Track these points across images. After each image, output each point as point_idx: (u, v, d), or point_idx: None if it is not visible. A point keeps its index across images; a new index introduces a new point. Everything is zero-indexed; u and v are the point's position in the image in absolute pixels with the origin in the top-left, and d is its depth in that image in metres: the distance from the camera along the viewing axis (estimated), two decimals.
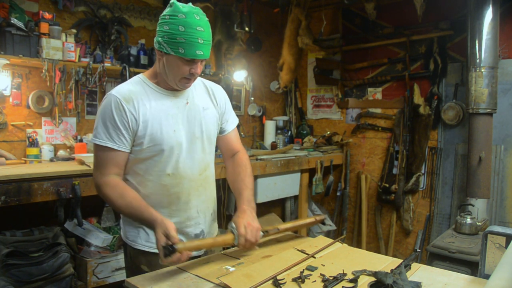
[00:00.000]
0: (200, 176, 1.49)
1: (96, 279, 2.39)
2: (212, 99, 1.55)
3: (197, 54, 1.32)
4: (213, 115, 1.52)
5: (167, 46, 1.31)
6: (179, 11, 1.30)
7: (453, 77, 3.54)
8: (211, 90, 1.56)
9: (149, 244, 1.43)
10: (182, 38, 1.29)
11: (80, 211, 2.25)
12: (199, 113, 1.48)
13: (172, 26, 1.30)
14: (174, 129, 1.41)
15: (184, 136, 1.43)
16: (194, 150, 1.46)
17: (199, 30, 1.31)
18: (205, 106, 1.50)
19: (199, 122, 1.47)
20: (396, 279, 1.11)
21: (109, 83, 3.13)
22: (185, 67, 1.34)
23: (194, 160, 1.46)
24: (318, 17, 4.14)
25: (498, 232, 1.23)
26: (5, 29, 2.39)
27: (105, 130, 1.35)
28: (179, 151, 1.42)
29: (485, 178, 3.01)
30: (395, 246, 3.90)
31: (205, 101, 1.52)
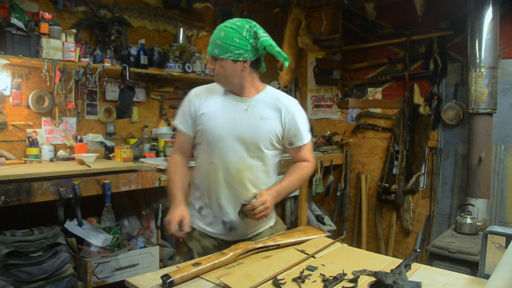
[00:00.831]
0: (237, 173, 1.63)
1: (96, 279, 2.39)
2: (279, 112, 1.66)
3: (208, 50, 1.60)
4: (271, 126, 1.64)
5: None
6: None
7: (453, 77, 3.54)
8: (283, 104, 1.67)
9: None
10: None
11: (80, 211, 2.25)
12: (254, 120, 1.63)
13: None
14: (223, 126, 1.62)
15: (230, 134, 1.61)
16: (237, 150, 1.62)
17: (216, 32, 1.58)
18: (264, 116, 1.64)
19: (251, 127, 1.62)
20: (396, 279, 1.11)
21: (109, 83, 3.13)
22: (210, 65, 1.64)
23: (233, 158, 1.62)
24: (318, 17, 4.13)
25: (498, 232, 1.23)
26: (5, 29, 2.39)
27: (179, 116, 1.73)
28: (221, 145, 1.62)
29: (485, 178, 3.01)
30: (395, 246, 3.89)
31: (267, 112, 1.65)
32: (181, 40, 3.51)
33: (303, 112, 1.72)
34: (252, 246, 1.45)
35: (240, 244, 1.45)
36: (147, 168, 2.61)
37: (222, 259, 1.32)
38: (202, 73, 3.45)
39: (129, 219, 2.92)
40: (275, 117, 1.65)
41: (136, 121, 3.35)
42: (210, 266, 1.27)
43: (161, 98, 3.52)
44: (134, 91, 3.10)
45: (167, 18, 3.51)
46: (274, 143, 1.66)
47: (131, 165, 2.58)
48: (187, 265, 1.26)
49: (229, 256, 1.34)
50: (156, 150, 3.22)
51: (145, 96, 3.42)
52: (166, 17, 3.51)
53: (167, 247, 2.95)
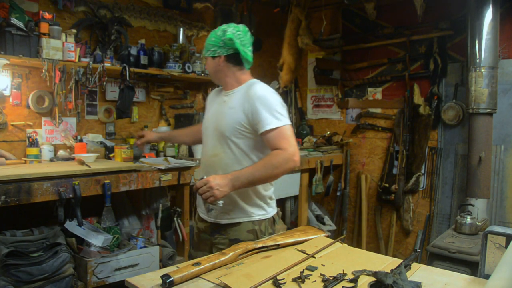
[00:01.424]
0: (211, 158, 1.83)
1: (96, 279, 2.39)
2: (244, 102, 1.74)
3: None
4: (235, 114, 1.74)
5: None
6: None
7: (453, 77, 3.54)
8: (248, 94, 1.75)
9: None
10: None
11: (80, 211, 2.25)
12: (224, 110, 1.80)
13: None
14: (207, 117, 1.91)
15: (210, 124, 1.86)
16: (212, 138, 1.83)
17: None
18: (232, 106, 1.77)
19: (221, 117, 1.79)
20: (396, 279, 1.11)
21: (109, 83, 3.13)
22: None
23: (209, 145, 1.85)
24: (318, 17, 4.14)
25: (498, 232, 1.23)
26: (5, 29, 2.39)
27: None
28: (205, 134, 1.91)
29: (485, 178, 3.01)
30: (395, 246, 3.89)
31: (236, 102, 1.77)
32: (181, 40, 3.51)
33: (269, 98, 1.71)
34: (252, 246, 1.45)
35: (240, 244, 1.45)
36: (147, 168, 2.61)
37: (222, 259, 1.32)
38: (202, 73, 3.45)
39: (129, 219, 2.92)
40: (240, 105, 1.74)
41: (136, 121, 3.35)
42: (210, 266, 1.27)
43: (161, 98, 3.52)
44: (134, 91, 3.09)
45: (167, 18, 3.51)
46: (241, 131, 1.73)
47: (131, 165, 2.58)
48: (187, 265, 1.26)
49: (229, 256, 1.34)
50: (156, 150, 3.22)
51: (145, 96, 3.42)
52: (166, 17, 3.51)
53: (167, 247, 2.95)
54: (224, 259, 1.32)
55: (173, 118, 3.54)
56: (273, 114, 1.68)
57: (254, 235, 1.79)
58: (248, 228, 1.79)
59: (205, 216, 1.86)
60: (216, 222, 1.81)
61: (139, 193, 2.93)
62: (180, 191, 2.93)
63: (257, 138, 1.73)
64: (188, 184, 2.87)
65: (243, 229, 1.78)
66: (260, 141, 1.74)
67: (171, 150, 3.17)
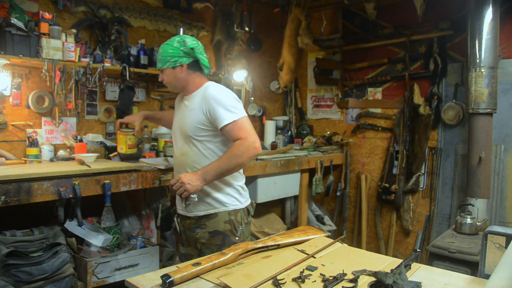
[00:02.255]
0: (179, 157, 2.02)
1: (96, 279, 2.39)
2: (202, 103, 1.92)
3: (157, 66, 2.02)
4: (195, 115, 1.93)
5: None
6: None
7: (453, 77, 3.54)
8: (204, 95, 1.94)
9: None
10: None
11: (80, 211, 2.25)
12: (186, 113, 1.99)
13: None
14: (174, 122, 2.08)
15: (176, 127, 2.06)
16: (179, 140, 2.03)
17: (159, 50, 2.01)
18: (192, 108, 1.96)
19: (183, 119, 1.99)
20: (396, 279, 1.11)
21: (109, 83, 3.13)
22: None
23: (177, 146, 2.06)
24: (318, 17, 4.14)
25: (498, 232, 1.23)
26: (5, 29, 2.39)
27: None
28: (174, 137, 2.09)
29: (485, 178, 3.01)
30: (395, 246, 3.89)
31: (195, 104, 1.95)
32: None
33: (222, 97, 1.90)
34: (252, 246, 1.45)
35: (240, 244, 1.45)
36: (147, 168, 2.61)
37: (222, 259, 1.32)
38: None
39: (129, 219, 2.92)
40: (199, 107, 1.92)
41: None
42: (210, 266, 1.27)
43: (161, 98, 3.52)
44: (134, 91, 3.09)
45: (167, 18, 3.51)
46: (203, 129, 1.92)
47: (131, 165, 2.57)
48: (187, 265, 1.26)
49: (229, 256, 1.34)
50: (156, 150, 3.22)
51: (145, 96, 3.42)
52: (166, 17, 3.51)
53: (167, 247, 2.95)
54: (224, 259, 1.32)
55: None
56: (228, 109, 1.86)
57: (231, 225, 1.95)
58: (225, 219, 1.96)
59: (183, 211, 2.02)
60: (195, 215, 1.99)
61: (139, 193, 2.93)
62: None
63: (219, 134, 1.92)
64: None
65: (221, 220, 1.95)
66: (222, 136, 1.93)
67: (171, 150, 3.16)
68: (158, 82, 3.49)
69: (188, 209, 1.98)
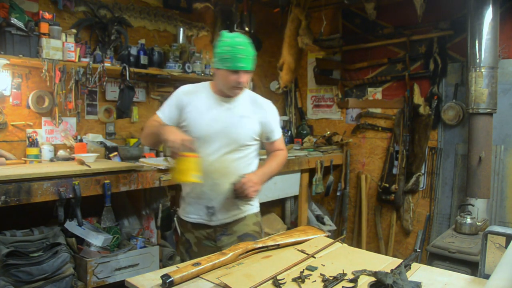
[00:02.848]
0: (217, 164, 1.81)
1: (96, 279, 2.39)
2: (258, 112, 1.88)
3: (240, 65, 1.71)
4: (252, 124, 1.86)
5: (218, 63, 1.74)
6: (226, 37, 1.75)
7: (453, 77, 3.54)
8: (260, 105, 1.91)
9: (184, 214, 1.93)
10: (228, 55, 1.71)
11: (80, 211, 2.25)
12: (235, 118, 1.82)
13: (221, 47, 1.73)
14: (207, 123, 1.80)
15: (213, 130, 1.80)
16: (219, 144, 1.81)
17: (240, 48, 1.72)
18: (243, 114, 1.84)
19: (233, 125, 1.82)
20: (396, 279, 1.11)
21: (109, 83, 3.13)
22: (231, 77, 1.73)
23: (215, 150, 1.81)
24: (318, 17, 4.14)
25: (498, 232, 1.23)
26: (5, 29, 2.39)
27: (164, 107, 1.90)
28: (205, 140, 1.80)
29: (485, 178, 3.01)
30: (395, 246, 3.89)
31: (246, 111, 1.86)
32: (181, 40, 3.51)
33: (276, 111, 1.98)
34: (252, 246, 1.45)
35: (240, 244, 1.45)
36: (147, 168, 2.61)
37: (222, 259, 1.32)
38: (202, 73, 3.45)
39: (129, 219, 2.92)
40: (254, 116, 1.86)
41: (136, 121, 3.35)
42: (210, 266, 1.27)
43: (161, 98, 3.52)
44: (134, 91, 3.09)
45: (167, 18, 3.51)
46: (255, 139, 1.89)
47: (131, 165, 2.58)
48: (187, 265, 1.26)
49: (229, 256, 1.34)
50: (156, 150, 3.22)
51: (145, 96, 3.42)
52: (166, 17, 3.51)
53: (167, 247, 2.95)
54: (224, 259, 1.32)
55: None
56: (278, 123, 1.97)
57: (259, 227, 1.93)
58: (253, 220, 1.92)
59: (204, 220, 1.86)
60: (222, 222, 1.86)
61: (139, 193, 2.93)
62: (180, 191, 2.93)
63: (259, 143, 1.93)
64: None
65: (250, 223, 1.90)
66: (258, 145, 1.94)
67: None
68: (158, 82, 3.53)
69: (214, 218, 1.84)
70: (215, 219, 1.85)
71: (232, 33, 1.79)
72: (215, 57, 1.78)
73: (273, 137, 1.94)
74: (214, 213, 1.84)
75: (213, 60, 1.80)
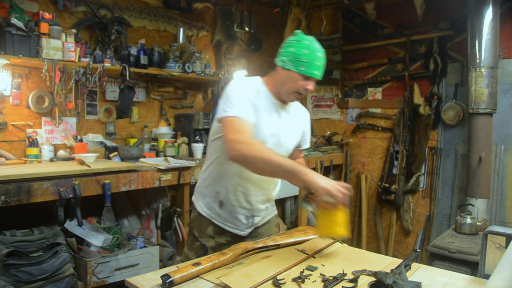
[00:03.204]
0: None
1: (96, 279, 2.39)
2: (301, 120, 1.82)
3: (314, 73, 1.57)
4: (296, 133, 1.78)
5: (290, 64, 1.57)
6: (305, 39, 1.59)
7: (453, 77, 3.54)
8: (303, 114, 1.84)
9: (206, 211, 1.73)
10: (305, 59, 1.55)
11: (80, 211, 2.25)
12: (287, 126, 1.71)
13: (298, 49, 1.56)
14: (267, 128, 1.62)
15: (271, 136, 1.64)
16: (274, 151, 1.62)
17: (319, 55, 1.58)
18: (292, 123, 1.74)
19: (287, 132, 1.71)
20: (396, 279, 1.11)
21: (109, 83, 3.13)
22: (301, 82, 1.58)
23: None
24: (318, 17, 4.14)
25: (498, 232, 1.23)
26: (5, 29, 2.39)
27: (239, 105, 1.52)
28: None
29: (485, 178, 3.01)
30: (395, 246, 3.89)
31: (295, 120, 1.76)
32: (181, 40, 3.51)
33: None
34: (252, 246, 1.45)
35: (240, 244, 1.45)
36: (147, 168, 2.61)
37: (222, 259, 1.32)
38: (202, 73, 3.45)
39: (129, 219, 2.92)
40: (299, 123, 1.80)
41: (136, 121, 3.36)
42: (210, 266, 1.27)
43: (161, 98, 3.52)
44: (134, 91, 3.10)
45: (167, 18, 3.51)
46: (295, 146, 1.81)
47: (131, 165, 2.58)
48: (187, 265, 1.26)
49: (229, 256, 1.34)
50: (156, 150, 3.22)
51: (145, 96, 3.42)
52: (166, 17, 3.51)
53: (167, 247, 2.95)
54: (224, 259, 1.32)
55: (173, 118, 3.54)
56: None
57: (278, 228, 1.90)
58: (275, 222, 1.88)
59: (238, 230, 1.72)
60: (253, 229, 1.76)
61: (139, 193, 2.93)
62: (180, 191, 2.93)
63: None
64: (188, 184, 2.87)
65: (273, 225, 1.86)
66: None
67: (171, 150, 3.17)
68: (158, 82, 3.53)
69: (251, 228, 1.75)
70: (251, 229, 1.75)
71: (309, 36, 1.62)
72: (285, 56, 1.59)
73: (304, 145, 1.88)
74: (254, 222, 1.74)
75: (282, 58, 1.60)
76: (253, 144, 1.42)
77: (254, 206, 1.72)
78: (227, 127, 1.49)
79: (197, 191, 1.81)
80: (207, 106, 3.85)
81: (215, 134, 1.66)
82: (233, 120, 1.49)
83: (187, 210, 2.94)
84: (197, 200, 1.79)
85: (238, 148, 1.41)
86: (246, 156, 1.41)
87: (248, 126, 1.49)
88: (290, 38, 1.63)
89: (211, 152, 1.72)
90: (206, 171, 1.75)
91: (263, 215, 1.79)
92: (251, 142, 1.43)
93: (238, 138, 1.43)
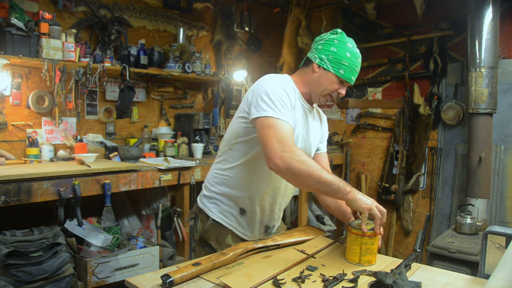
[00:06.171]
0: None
1: (96, 279, 2.39)
2: (323, 123, 1.82)
3: (351, 79, 1.52)
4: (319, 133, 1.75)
5: (329, 64, 1.50)
6: (348, 41, 1.54)
7: (453, 77, 3.54)
8: (322, 115, 1.82)
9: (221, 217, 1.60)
10: (346, 62, 1.49)
11: (80, 211, 2.25)
12: (315, 130, 1.69)
13: (340, 50, 1.50)
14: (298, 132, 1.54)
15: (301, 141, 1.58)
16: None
17: (359, 61, 1.54)
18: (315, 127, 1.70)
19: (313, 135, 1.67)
20: (396, 279, 1.11)
21: (109, 83, 3.13)
22: (336, 85, 1.52)
23: None
24: (318, 17, 4.13)
25: (498, 232, 1.23)
26: (5, 29, 2.39)
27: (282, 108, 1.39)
28: None
29: (485, 178, 3.01)
30: (395, 246, 3.89)
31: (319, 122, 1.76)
32: (181, 40, 3.51)
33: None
34: (252, 246, 1.45)
35: (240, 244, 1.45)
36: (147, 168, 2.61)
37: (222, 259, 1.32)
38: (202, 73, 3.45)
39: (129, 219, 2.92)
40: (320, 126, 1.78)
41: (136, 121, 3.36)
42: (210, 266, 1.27)
43: (161, 98, 3.52)
44: (134, 91, 3.10)
45: (167, 18, 3.51)
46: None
47: (131, 165, 2.58)
48: (187, 265, 1.26)
49: (229, 256, 1.34)
50: (156, 150, 3.22)
51: (145, 96, 3.42)
52: (166, 17, 3.51)
53: (167, 247, 2.95)
54: (224, 259, 1.32)
55: (173, 118, 3.54)
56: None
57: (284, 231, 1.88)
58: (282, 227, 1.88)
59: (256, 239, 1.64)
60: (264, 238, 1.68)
61: (139, 193, 2.93)
62: (180, 191, 2.93)
63: None
64: (188, 184, 2.87)
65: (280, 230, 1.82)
66: None
67: (171, 150, 3.17)
68: (158, 82, 3.53)
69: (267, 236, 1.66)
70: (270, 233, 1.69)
71: (350, 38, 1.57)
72: (325, 54, 1.51)
73: (322, 148, 1.84)
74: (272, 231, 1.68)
75: (320, 56, 1.51)
76: (301, 156, 1.31)
77: (275, 214, 1.66)
78: (268, 132, 1.34)
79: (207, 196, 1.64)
80: (207, 106, 3.86)
81: (243, 136, 1.50)
82: (276, 124, 1.35)
83: (187, 210, 2.95)
84: (207, 206, 1.62)
85: (286, 160, 1.29)
86: (294, 170, 1.29)
87: (291, 132, 1.39)
88: (330, 36, 1.54)
89: (233, 155, 1.55)
90: (223, 175, 1.58)
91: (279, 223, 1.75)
92: (299, 154, 1.31)
93: (284, 147, 1.31)
